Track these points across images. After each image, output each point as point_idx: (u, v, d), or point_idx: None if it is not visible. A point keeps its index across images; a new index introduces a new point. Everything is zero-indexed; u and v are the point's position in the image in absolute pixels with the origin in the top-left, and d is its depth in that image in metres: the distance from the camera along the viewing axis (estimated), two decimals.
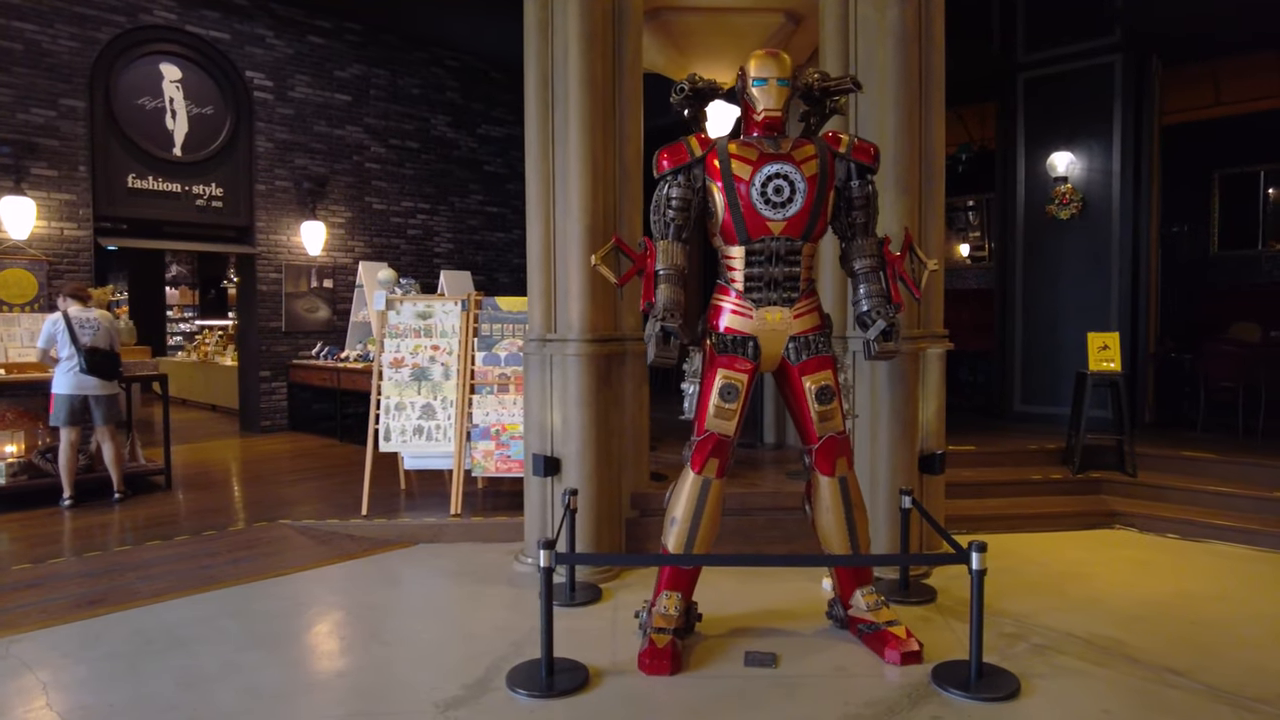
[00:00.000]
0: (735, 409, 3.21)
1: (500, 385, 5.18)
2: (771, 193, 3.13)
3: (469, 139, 10.93)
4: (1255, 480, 5.38)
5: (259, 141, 8.96)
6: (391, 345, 5.31)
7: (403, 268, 9.80)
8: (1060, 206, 7.31)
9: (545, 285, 4.32)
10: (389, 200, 10.11)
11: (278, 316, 9.17)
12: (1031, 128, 7.61)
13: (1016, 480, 5.67)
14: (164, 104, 8.36)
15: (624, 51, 4.29)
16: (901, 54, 4.13)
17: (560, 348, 4.18)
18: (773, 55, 3.19)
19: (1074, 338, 6.80)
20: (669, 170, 3.23)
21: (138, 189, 8.19)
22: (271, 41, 9.02)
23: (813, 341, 3.26)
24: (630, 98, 4.34)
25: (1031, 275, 7.61)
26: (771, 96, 3.15)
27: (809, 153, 3.18)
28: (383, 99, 10.00)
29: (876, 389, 4.18)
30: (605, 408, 4.21)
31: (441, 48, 10.53)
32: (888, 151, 4.11)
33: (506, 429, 5.09)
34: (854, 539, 3.30)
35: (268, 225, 9.05)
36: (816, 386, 3.23)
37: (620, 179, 4.33)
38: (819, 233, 3.22)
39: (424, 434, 5.22)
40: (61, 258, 7.72)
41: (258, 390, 9.19)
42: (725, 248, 3.28)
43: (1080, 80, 7.31)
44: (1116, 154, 7.14)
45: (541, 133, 4.28)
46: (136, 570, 4.44)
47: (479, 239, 11.04)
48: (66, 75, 7.70)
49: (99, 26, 7.88)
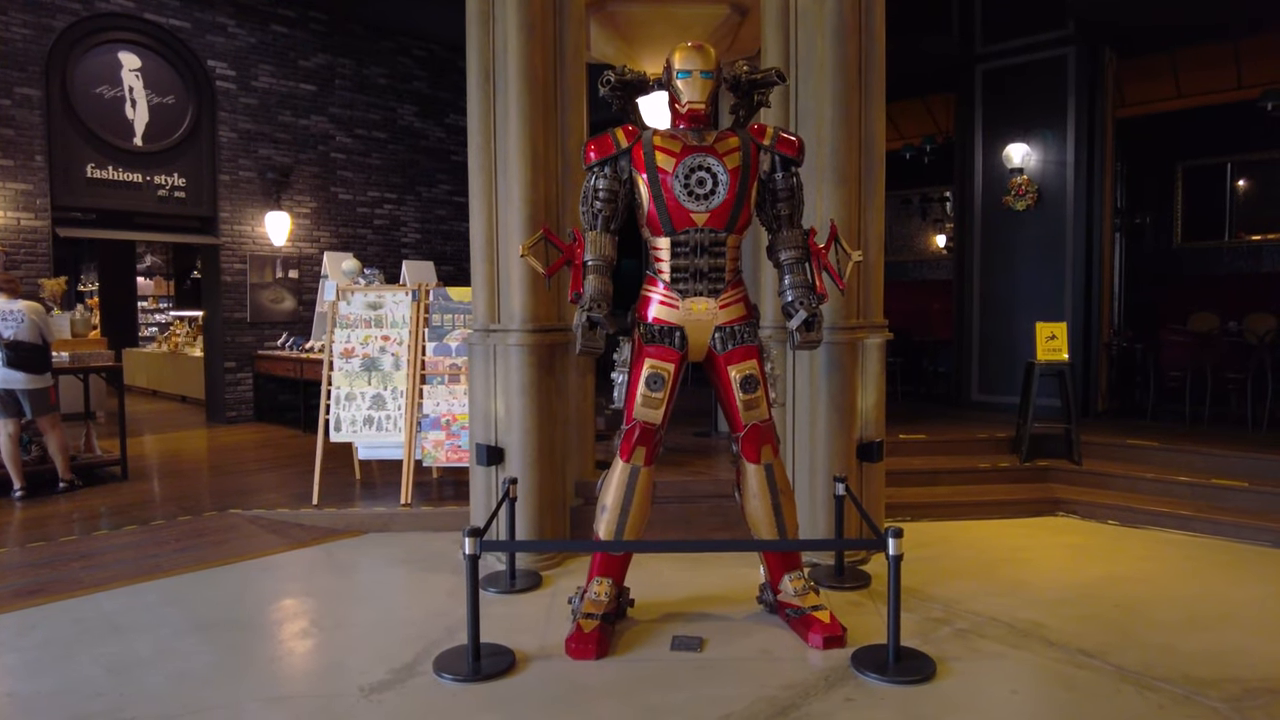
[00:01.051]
0: (662, 398, 3.25)
1: (451, 375, 5.20)
2: (694, 184, 3.17)
3: (437, 129, 10.89)
4: (1194, 467, 5.49)
5: (222, 131, 8.90)
6: (342, 335, 5.32)
7: (369, 258, 9.79)
8: (1016, 198, 7.40)
9: (488, 275, 4.34)
10: (355, 190, 10.07)
11: (242, 307, 9.14)
12: (989, 119, 7.69)
13: (965, 468, 5.75)
14: (123, 93, 8.29)
15: (565, 43, 4.31)
16: (840, 46, 4.17)
17: (503, 338, 4.22)
18: (697, 48, 3.22)
19: (1029, 328, 6.84)
20: (596, 161, 3.27)
21: (97, 179, 8.13)
22: (233, 30, 8.95)
23: (738, 331, 3.30)
24: (573, 89, 4.36)
25: (989, 266, 7.70)
26: (695, 89, 3.19)
27: (732, 145, 3.22)
28: (348, 89, 9.95)
29: (815, 377, 4.23)
30: (548, 396, 4.25)
31: (408, 37, 10.48)
32: (826, 142, 4.17)
33: (457, 419, 5.12)
34: (781, 524, 3.36)
35: (231, 216, 9.00)
36: (741, 376, 3.28)
37: (562, 170, 4.36)
38: (743, 224, 3.26)
39: (374, 424, 5.24)
40: (19, 248, 7.66)
41: (223, 381, 9.17)
42: (652, 239, 3.32)
43: (1035, 72, 7.39)
44: (1071, 146, 7.23)
45: (483, 124, 4.29)
46: (81, 560, 4.44)
47: (447, 229, 11.02)
48: (21, 64, 7.62)
49: (54, 14, 7.80)
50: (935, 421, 6.87)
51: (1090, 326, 7.26)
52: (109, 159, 8.19)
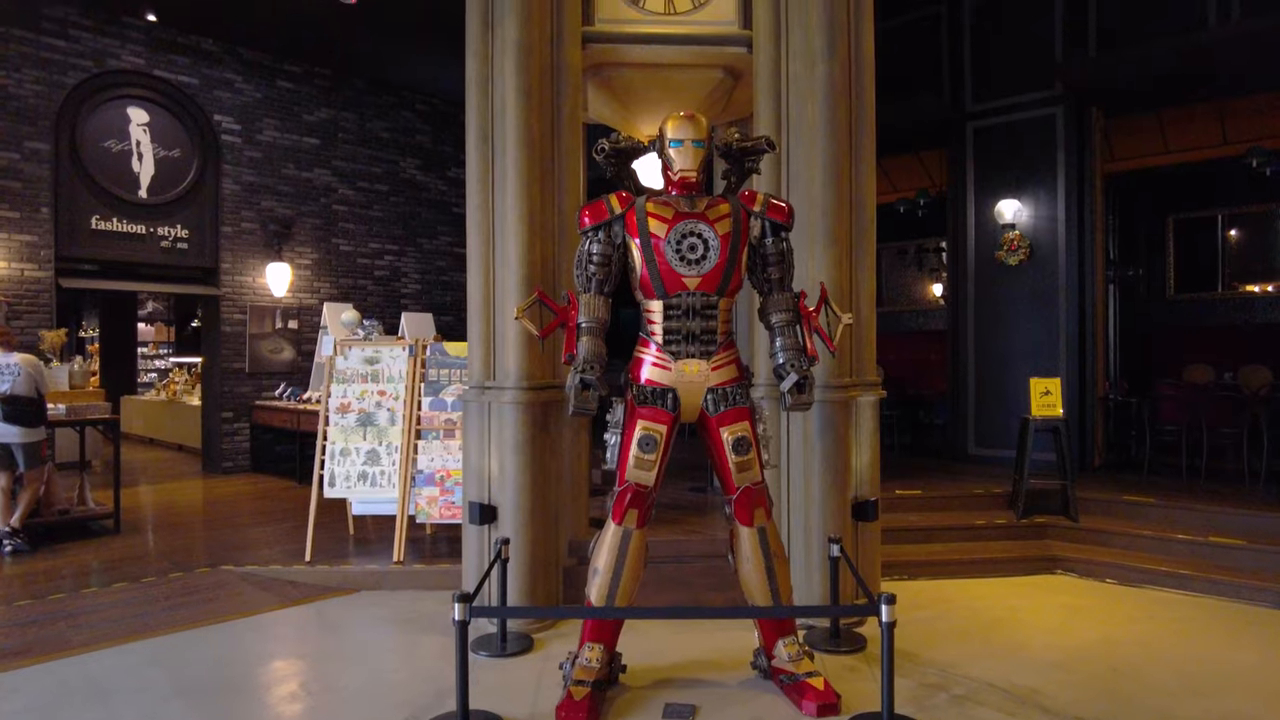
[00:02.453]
0: (654, 460, 3.25)
1: (446, 430, 5.21)
2: (686, 250, 3.22)
3: (439, 181, 11.07)
4: (1191, 524, 5.47)
5: (226, 184, 9.05)
6: (338, 390, 5.34)
7: (369, 309, 9.86)
8: (1009, 253, 7.49)
9: (485, 333, 4.38)
10: (356, 241, 10.19)
11: (241, 358, 9.18)
12: (981, 175, 7.82)
13: (962, 525, 5.72)
14: (130, 146, 8.45)
15: (562, 106, 4.41)
16: (830, 109, 4.27)
17: (497, 395, 4.23)
18: (689, 118, 3.30)
19: (1024, 381, 6.88)
20: (590, 226, 3.33)
21: (101, 230, 8.23)
22: (240, 86, 9.15)
23: (730, 393, 3.32)
24: (569, 151, 4.45)
25: (983, 320, 7.76)
26: (687, 157, 3.26)
27: (723, 211, 3.28)
28: (351, 142, 10.14)
29: (809, 437, 4.24)
30: (542, 454, 4.25)
31: (411, 92, 10.71)
32: (816, 204, 4.24)
33: (451, 475, 5.11)
34: (774, 589, 3.34)
35: (233, 266, 9.10)
36: (733, 437, 3.29)
37: (559, 230, 4.43)
38: (734, 288, 3.31)
39: (368, 480, 5.22)
40: (21, 298, 7.72)
41: (220, 431, 9.16)
42: (645, 301, 3.36)
43: (1025, 130, 7.54)
44: (1061, 201, 7.34)
45: (482, 184, 4.37)
46: (69, 619, 4.39)
47: (447, 279, 11.12)
48: (32, 119, 7.78)
49: (66, 71, 7.99)
50: (931, 476, 6.85)
51: (1085, 380, 7.29)
52: (114, 211, 8.31)
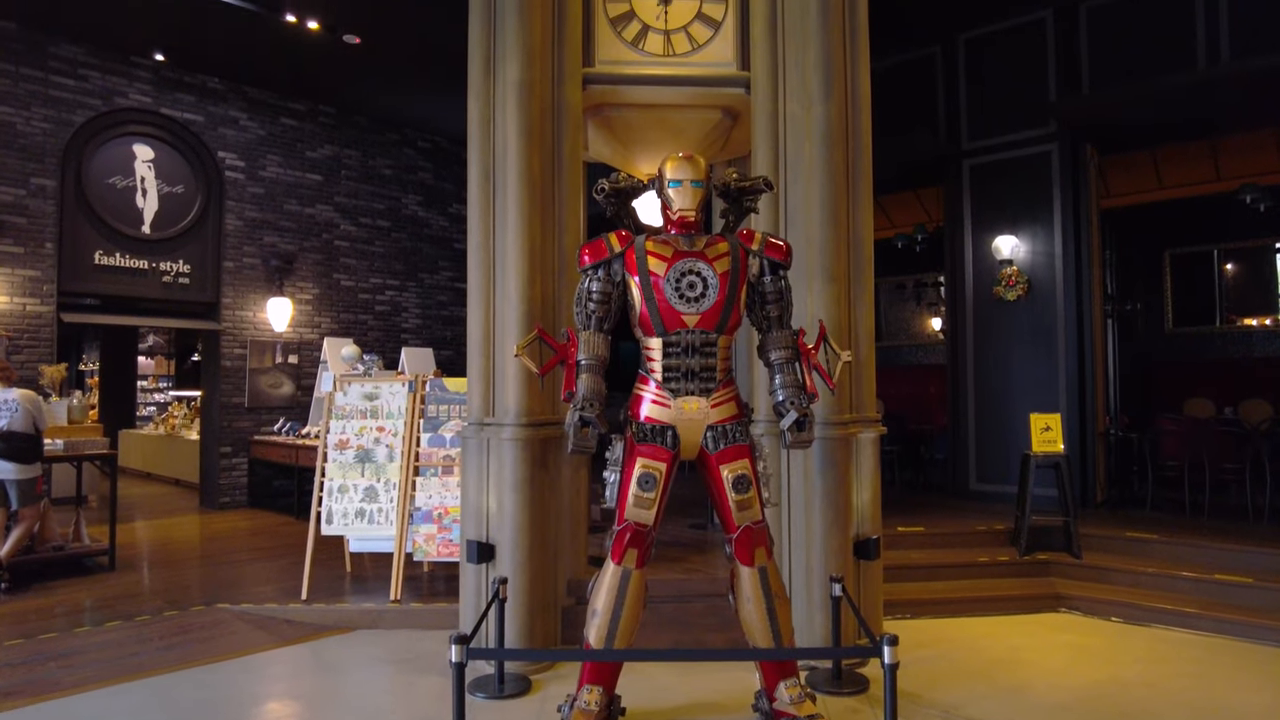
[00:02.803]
0: (654, 498, 3.23)
1: (445, 467, 5.18)
2: (685, 288, 3.23)
3: (440, 218, 11.16)
4: (1196, 562, 5.42)
5: (228, 219, 9.12)
6: (337, 427, 5.33)
7: (369, 343, 9.88)
8: (1007, 288, 7.52)
9: (484, 369, 4.38)
10: (357, 277, 10.25)
11: (240, 392, 9.17)
12: (977, 211, 7.88)
13: (964, 563, 5.67)
14: (135, 183, 8.53)
15: (563, 146, 4.46)
16: (827, 149, 4.32)
17: (496, 432, 4.22)
18: (688, 159, 3.33)
19: (1025, 417, 6.87)
20: (589, 265, 3.35)
21: (104, 265, 8.28)
22: (245, 123, 9.27)
23: (730, 430, 3.31)
24: (569, 189, 4.50)
25: (982, 355, 7.76)
26: (686, 197, 3.29)
27: (722, 250, 3.31)
28: (354, 179, 10.24)
29: (809, 474, 4.22)
30: (541, 491, 4.22)
31: (414, 129, 10.85)
32: (814, 241, 4.27)
33: (449, 512, 5.08)
34: (775, 630, 3.29)
35: (234, 301, 9.13)
36: (733, 475, 3.27)
37: (559, 267, 4.45)
38: (733, 325, 3.32)
39: (366, 517, 5.19)
40: (22, 333, 7.74)
41: (218, 466, 9.12)
42: (645, 339, 3.37)
43: (1021, 167, 7.62)
44: (1058, 237, 7.39)
45: (483, 222, 4.40)
46: (60, 659, 4.33)
47: (448, 314, 11.16)
48: (38, 155, 7.87)
49: (74, 109, 8.10)
50: (933, 513, 6.81)
51: (1085, 415, 7.27)
52: (117, 246, 8.36)
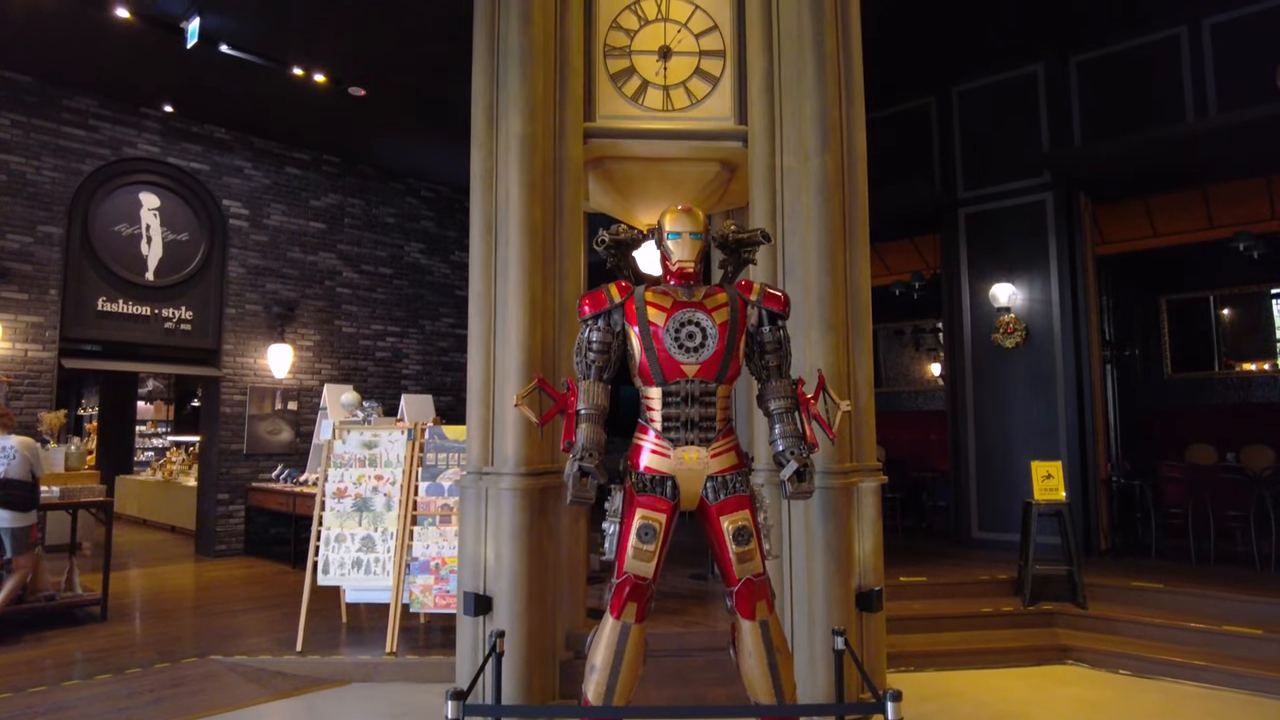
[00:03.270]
0: (653, 550, 3.20)
1: (443, 516, 5.15)
2: (684, 338, 3.25)
3: (442, 265, 11.26)
4: (1204, 612, 5.35)
5: (231, 267, 9.20)
6: (335, 475, 5.30)
7: (369, 390, 9.89)
8: (1005, 335, 7.55)
9: (484, 417, 4.38)
10: (359, 323, 10.30)
11: (239, 439, 9.14)
12: (974, 259, 7.96)
13: (968, 613, 5.60)
14: (140, 230, 8.63)
15: (564, 198, 4.53)
16: (824, 201, 4.38)
17: (495, 481, 4.20)
18: (686, 211, 3.38)
19: (1026, 464, 6.86)
20: (589, 315, 3.37)
21: (107, 312, 8.33)
22: (250, 172, 9.41)
23: (730, 481, 3.29)
24: (570, 240, 4.55)
25: (982, 402, 7.77)
26: (685, 249, 3.32)
27: (721, 300, 3.33)
28: (357, 227, 10.36)
29: (810, 525, 4.19)
30: (539, 542, 4.19)
31: (417, 178, 11.01)
32: (812, 291, 4.31)
33: (447, 562, 5.03)
34: (777, 685, 3.23)
35: (235, 348, 9.16)
36: (734, 527, 3.24)
37: (559, 315, 4.49)
38: (732, 375, 3.32)
39: (362, 567, 5.13)
40: (23, 379, 7.75)
41: (214, 513, 9.04)
42: (644, 388, 3.37)
43: (1016, 215, 7.71)
44: (1055, 285, 7.45)
45: (485, 272, 4.45)
46: (49, 714, 4.25)
47: (448, 360, 11.18)
48: (47, 204, 7.97)
49: (83, 159, 8.23)
50: (936, 561, 6.74)
51: (1087, 462, 7.24)
52: (120, 293, 8.42)
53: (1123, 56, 7.30)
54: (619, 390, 3.39)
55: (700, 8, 4.84)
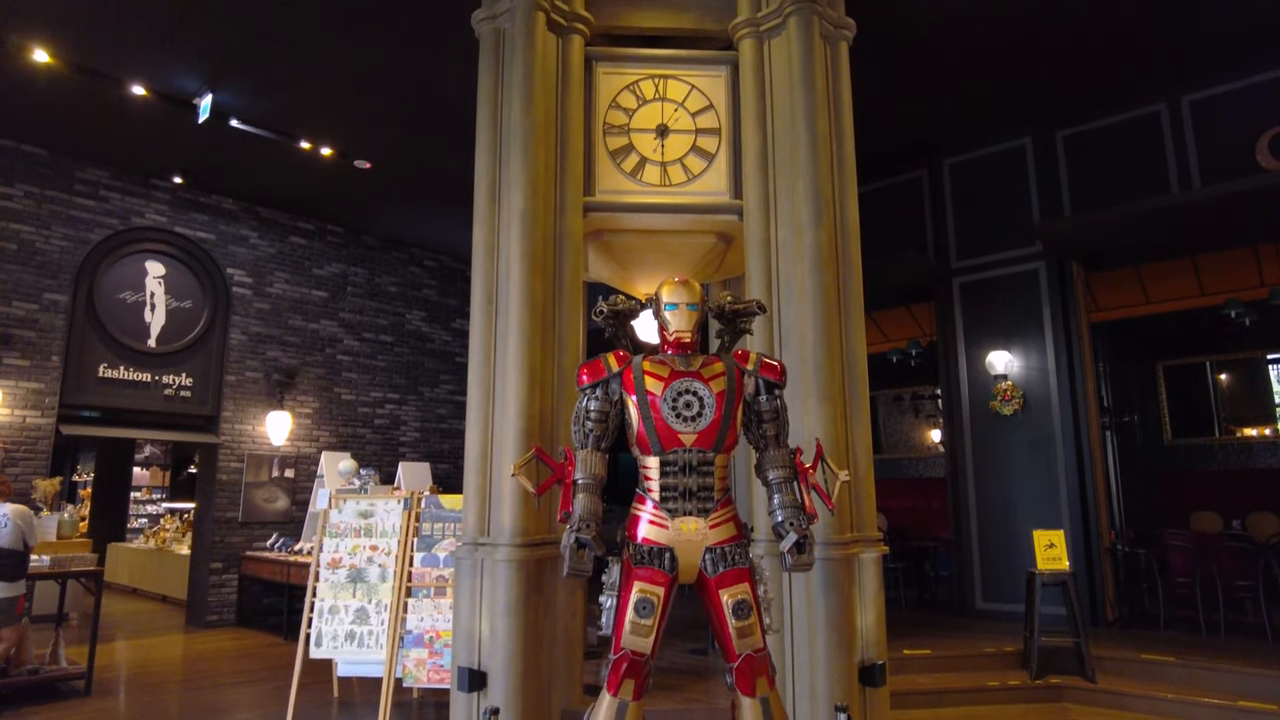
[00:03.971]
0: (651, 625, 3.15)
1: (438, 588, 5.07)
2: (682, 407, 3.27)
3: (443, 332, 11.35)
4: (1217, 686, 5.22)
5: (233, 334, 9.27)
6: (330, 545, 5.25)
7: (366, 457, 9.85)
8: (1003, 403, 7.58)
9: (481, 487, 4.36)
10: (358, 390, 10.32)
11: (235, 506, 9.06)
12: (969, 327, 8.04)
13: (974, 687, 5.47)
14: (144, 298, 8.73)
15: (564, 269, 4.60)
16: (818, 274, 4.46)
17: (491, 552, 4.16)
18: (683, 283, 3.44)
19: (1028, 532, 6.79)
20: (588, 384, 3.39)
21: (108, 378, 8.36)
22: (255, 241, 9.58)
23: (729, 553, 3.26)
24: (569, 310, 4.61)
25: (982, 470, 7.74)
26: (682, 320, 3.37)
27: (718, 370, 3.36)
28: (360, 295, 10.48)
29: (811, 598, 4.13)
30: (535, 615, 4.12)
31: (420, 248, 11.20)
32: (808, 360, 4.34)
33: (441, 635, 4.93)
34: None
35: (234, 415, 9.16)
36: (733, 601, 3.20)
37: (558, 385, 4.51)
38: (730, 444, 3.33)
39: (356, 640, 5.03)
40: (19, 445, 7.73)
41: (207, 582, 8.90)
42: (642, 458, 3.37)
43: (1010, 284, 7.83)
44: (1051, 352, 7.51)
45: (484, 341, 4.49)
46: None
47: (446, 427, 11.17)
48: (54, 272, 8.09)
49: (92, 228, 8.39)
50: (940, 633, 6.61)
51: (1089, 530, 7.17)
52: (122, 359, 8.47)
53: (1107, 131, 7.53)
54: (618, 457, 3.39)
55: (696, 88, 5.01)
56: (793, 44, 4.78)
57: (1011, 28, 6.14)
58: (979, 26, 6.09)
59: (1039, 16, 6.00)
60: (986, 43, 6.31)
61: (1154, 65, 6.77)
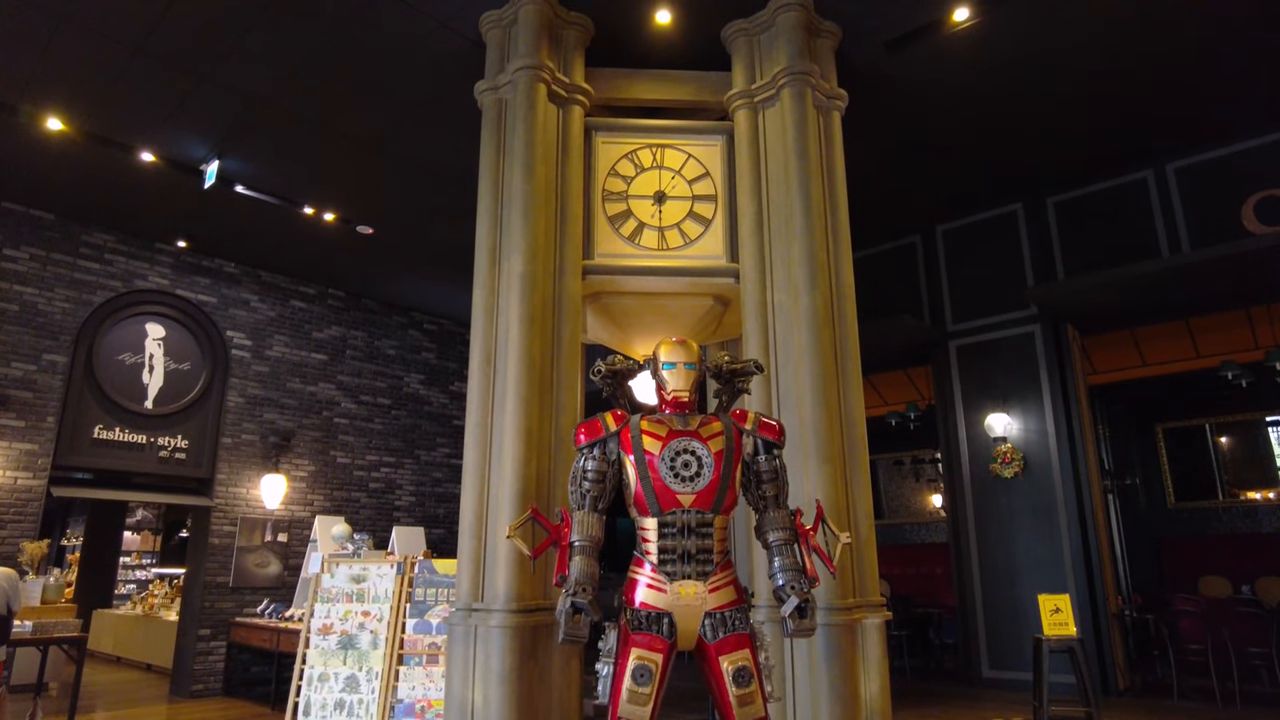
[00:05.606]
0: (649, 693, 3.06)
1: (430, 656, 4.94)
2: (680, 467, 3.24)
3: (441, 395, 11.34)
4: None
5: (231, 396, 9.26)
6: (322, 610, 5.14)
7: (360, 521, 9.72)
8: (1003, 465, 7.53)
9: (475, 551, 4.30)
10: (354, 454, 10.25)
11: (226, 571, 8.90)
12: (967, 390, 8.04)
13: None
14: (143, 359, 8.74)
15: (563, 331, 4.64)
16: (814, 336, 4.49)
17: (484, 618, 4.07)
18: (681, 343, 3.46)
19: (1033, 597, 6.68)
20: (585, 444, 3.38)
21: (102, 439, 8.30)
22: (255, 305, 9.64)
23: (729, 618, 3.19)
24: (568, 372, 4.62)
25: (984, 534, 7.64)
26: (679, 379, 3.38)
27: (716, 429, 3.35)
28: (359, 358, 10.51)
29: (814, 665, 4.03)
30: (529, 685, 4.01)
31: (420, 312, 11.27)
32: (806, 422, 4.33)
33: (432, 705, 4.78)
34: None
35: (228, 478, 9.08)
36: (734, 668, 3.11)
37: (555, 446, 4.49)
38: (729, 505, 3.29)
39: (345, 709, 4.88)
40: (9, 507, 7.63)
41: (194, 650, 8.66)
42: (640, 519, 3.33)
43: (1006, 347, 7.87)
44: (1049, 414, 7.50)
45: (482, 403, 4.49)
46: None
47: (442, 490, 11.06)
48: (54, 333, 8.12)
49: (95, 290, 8.45)
50: (946, 703, 6.42)
51: (1095, 595, 7.04)
52: (118, 421, 8.43)
53: (1096, 197, 7.68)
54: (615, 522, 3.34)
55: (693, 156, 5.14)
56: (786, 114, 4.91)
57: (1001, 100, 6.33)
58: (970, 98, 6.28)
59: (1026, 88, 6.19)
60: (977, 113, 6.49)
61: (1139, 134, 6.95)
